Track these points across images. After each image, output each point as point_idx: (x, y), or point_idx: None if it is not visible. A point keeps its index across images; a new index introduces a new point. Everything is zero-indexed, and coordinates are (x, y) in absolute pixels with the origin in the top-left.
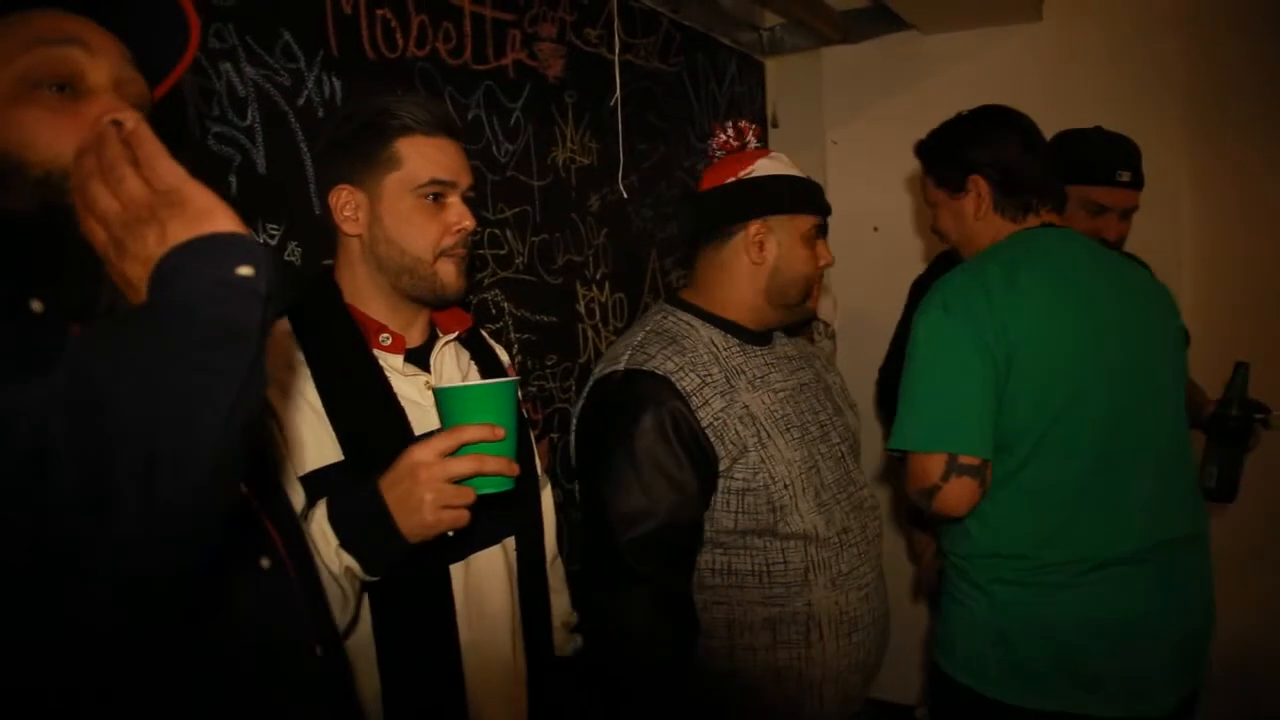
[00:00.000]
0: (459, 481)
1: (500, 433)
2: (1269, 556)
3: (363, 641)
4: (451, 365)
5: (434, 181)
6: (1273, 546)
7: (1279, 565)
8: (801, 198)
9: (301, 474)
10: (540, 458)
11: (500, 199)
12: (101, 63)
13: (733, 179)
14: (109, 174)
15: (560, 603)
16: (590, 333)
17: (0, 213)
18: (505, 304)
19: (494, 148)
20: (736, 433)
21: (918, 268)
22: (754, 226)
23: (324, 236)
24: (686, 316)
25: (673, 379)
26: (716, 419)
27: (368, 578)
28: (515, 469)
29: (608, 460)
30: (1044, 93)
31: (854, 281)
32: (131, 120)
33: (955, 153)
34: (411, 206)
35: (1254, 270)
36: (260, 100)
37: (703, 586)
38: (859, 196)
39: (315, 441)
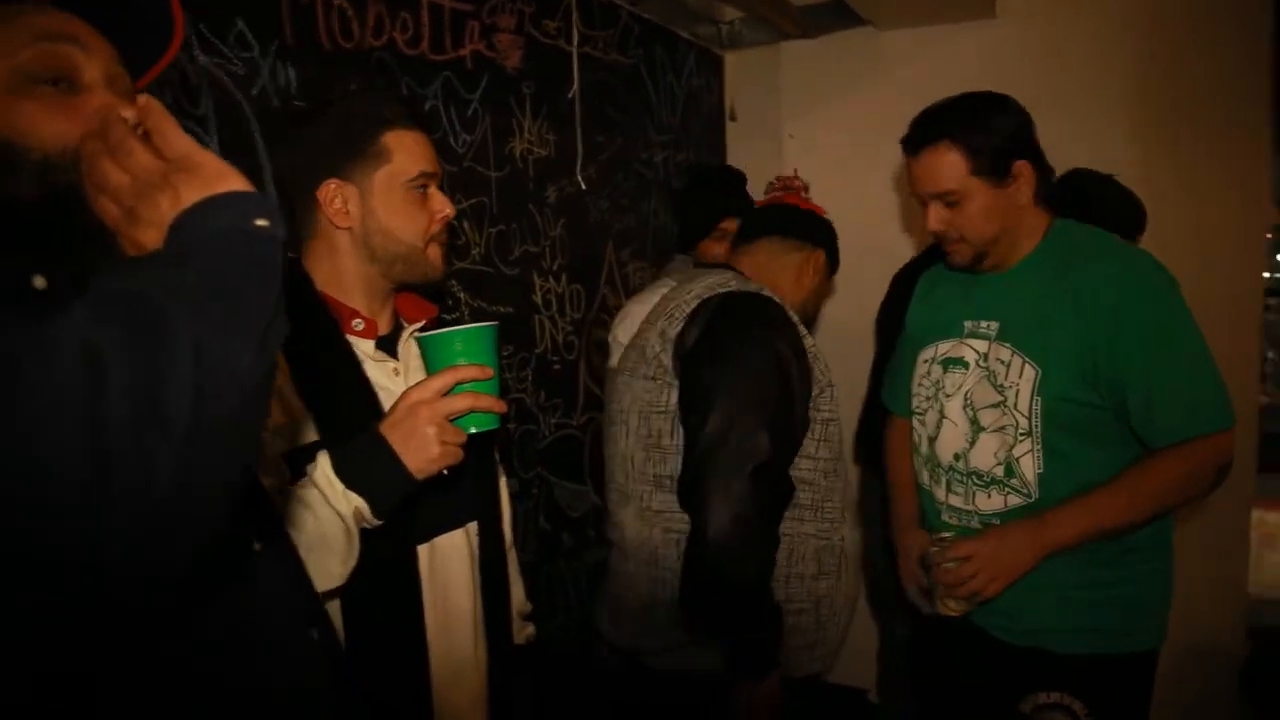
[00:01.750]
0: (451, 422)
1: (489, 372)
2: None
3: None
4: (418, 352)
5: (422, 175)
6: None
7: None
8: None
9: (281, 452)
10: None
11: (457, 190)
12: (95, 60)
13: (823, 215)
14: (116, 150)
15: (516, 592)
16: (547, 324)
17: (4, 198)
18: (462, 294)
19: (451, 138)
20: (825, 364)
21: (874, 260)
22: (821, 254)
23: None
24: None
25: (785, 308)
26: (812, 349)
27: (374, 520)
28: (504, 406)
29: (745, 363)
30: (998, 89)
31: None
32: (142, 99)
33: (1000, 136)
34: (402, 198)
35: (1201, 266)
36: (213, 89)
37: None
38: (816, 190)
39: (292, 421)
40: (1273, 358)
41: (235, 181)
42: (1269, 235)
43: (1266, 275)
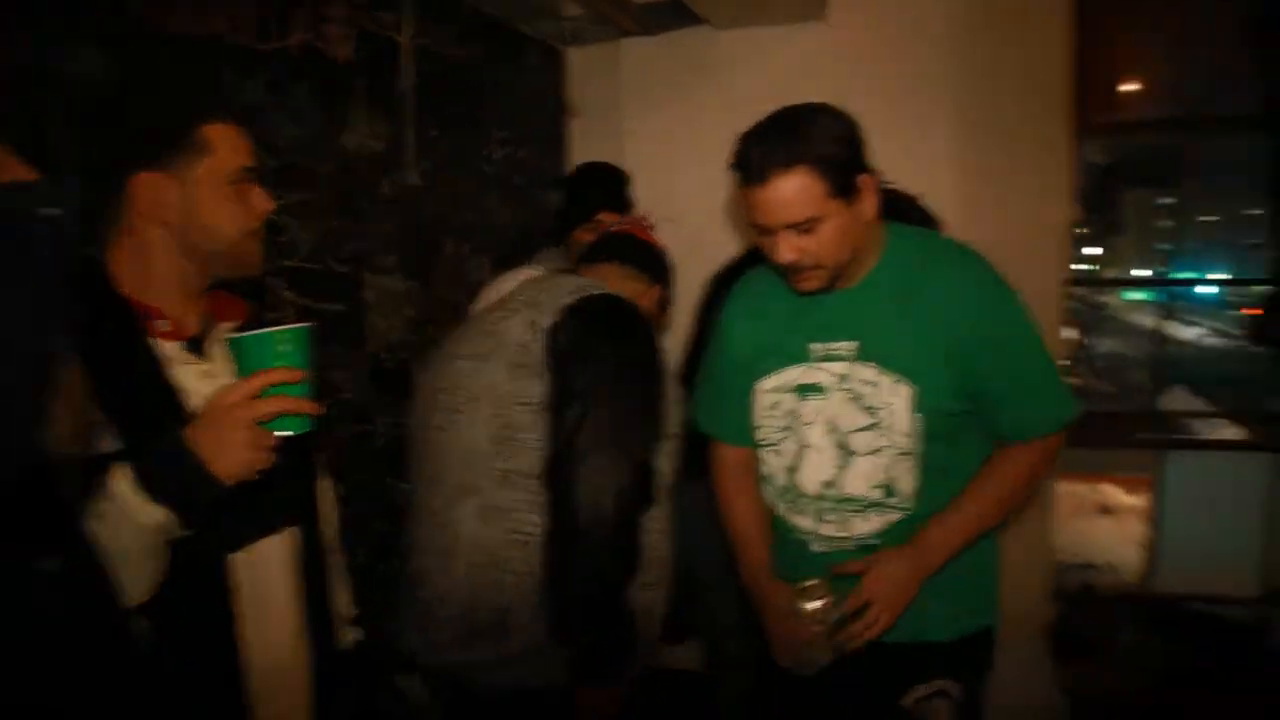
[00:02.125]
0: (262, 425)
1: (300, 374)
2: None
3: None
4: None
5: (245, 169)
6: None
7: None
8: None
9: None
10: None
11: (283, 185)
12: None
13: (660, 248)
14: None
15: (340, 596)
16: (380, 321)
17: None
18: (286, 293)
19: (276, 132)
20: (674, 381)
21: (713, 257)
22: (658, 290)
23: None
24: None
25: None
26: (666, 365)
27: (182, 531)
28: (316, 408)
29: (629, 366)
30: (829, 90)
31: None
32: None
33: (850, 152)
34: (224, 194)
35: (1013, 260)
36: (7, 73)
37: None
38: (656, 187)
39: (86, 429)
40: (1087, 344)
41: (17, 170)
42: (1077, 230)
43: (1074, 267)
